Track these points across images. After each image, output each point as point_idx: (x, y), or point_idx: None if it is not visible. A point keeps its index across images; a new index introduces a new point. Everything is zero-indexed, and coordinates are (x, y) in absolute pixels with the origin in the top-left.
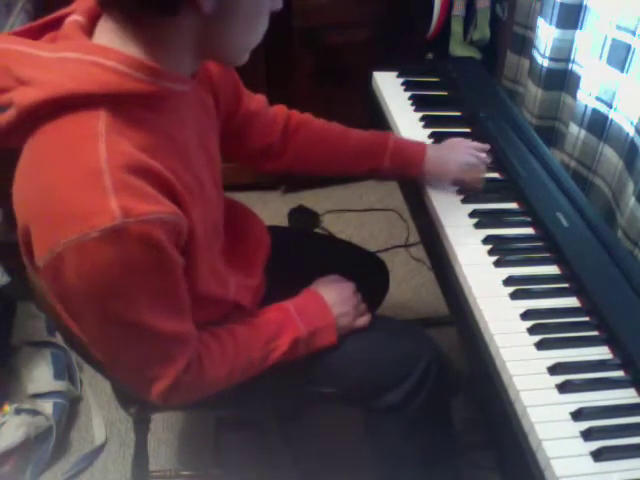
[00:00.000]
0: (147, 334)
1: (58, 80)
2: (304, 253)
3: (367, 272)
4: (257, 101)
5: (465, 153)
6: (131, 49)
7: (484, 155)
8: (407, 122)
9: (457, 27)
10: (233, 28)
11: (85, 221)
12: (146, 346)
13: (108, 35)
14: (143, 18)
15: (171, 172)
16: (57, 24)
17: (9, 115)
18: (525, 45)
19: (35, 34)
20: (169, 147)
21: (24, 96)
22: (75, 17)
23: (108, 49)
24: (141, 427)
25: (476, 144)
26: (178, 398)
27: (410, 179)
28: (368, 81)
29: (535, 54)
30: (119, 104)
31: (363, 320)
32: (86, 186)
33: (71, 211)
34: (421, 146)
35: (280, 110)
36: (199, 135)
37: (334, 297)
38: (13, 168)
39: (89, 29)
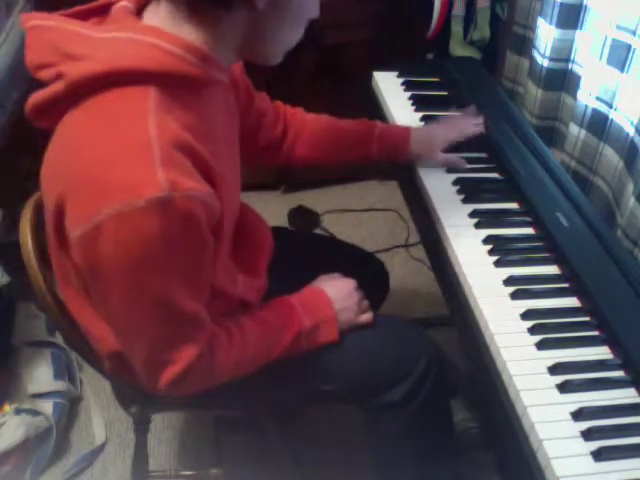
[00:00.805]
0: (171, 312)
1: (113, 56)
2: (305, 254)
3: (367, 274)
4: (263, 99)
5: (449, 130)
6: (185, 34)
7: (470, 130)
8: (407, 122)
9: (457, 27)
10: (280, 27)
11: (132, 191)
12: (168, 325)
13: (162, 19)
14: (201, 7)
15: (209, 155)
16: (101, 10)
17: (56, 87)
18: (525, 45)
19: (81, 17)
20: (207, 131)
21: (76, 69)
22: (124, 3)
23: (164, 31)
24: (141, 427)
25: (464, 121)
26: (185, 388)
27: (399, 162)
28: (368, 81)
29: (535, 54)
30: (167, 84)
31: (365, 317)
32: (135, 158)
33: (118, 181)
34: (406, 129)
35: (278, 105)
36: (226, 128)
37: (336, 293)
38: (12, 168)
39: (137, 14)
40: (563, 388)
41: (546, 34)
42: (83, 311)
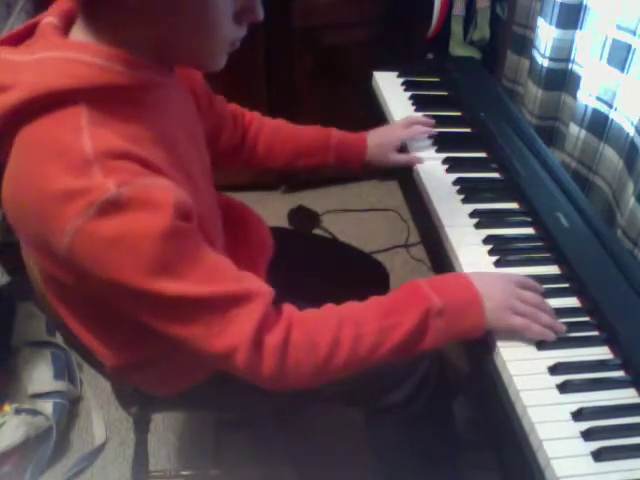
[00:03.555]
0: (181, 305)
1: (34, 79)
2: (305, 255)
3: (367, 275)
4: (221, 102)
5: (397, 137)
6: (107, 44)
7: (420, 130)
8: None
9: (457, 27)
10: (180, 30)
11: (80, 201)
12: (189, 317)
13: (81, 33)
14: (95, 14)
15: (159, 161)
16: (32, 31)
17: None
18: (525, 45)
19: (14, 43)
20: (154, 138)
21: (4, 100)
22: (49, 19)
23: (83, 44)
24: (141, 427)
25: (412, 129)
26: (285, 364)
27: (353, 170)
28: (368, 81)
29: (535, 54)
30: (99, 100)
31: (538, 328)
32: (77, 175)
33: (66, 199)
34: (362, 139)
35: (235, 109)
36: (187, 128)
37: (479, 278)
38: None
39: (65, 29)
40: (563, 388)
41: (546, 34)
42: (81, 328)
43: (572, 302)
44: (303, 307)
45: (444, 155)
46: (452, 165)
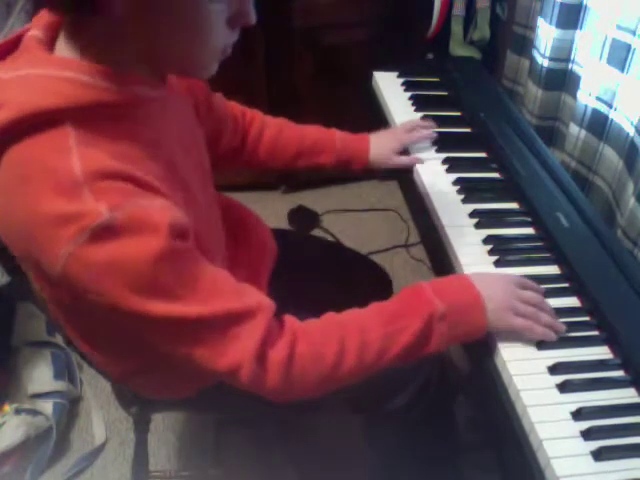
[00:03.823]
0: (182, 327)
1: (20, 99)
2: (306, 260)
3: (370, 280)
4: (220, 100)
5: (399, 140)
6: (86, 57)
7: (417, 135)
8: None
9: (457, 27)
10: (173, 39)
11: (72, 226)
12: (191, 338)
13: (66, 47)
14: (77, 22)
15: (153, 178)
16: (17, 44)
17: None
18: (525, 45)
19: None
20: (147, 155)
21: None
22: (33, 32)
23: (66, 60)
24: (141, 427)
25: (414, 134)
26: (291, 377)
27: (354, 172)
28: (368, 81)
29: (535, 54)
30: (86, 118)
31: (523, 323)
32: (67, 198)
33: (58, 223)
34: (364, 141)
35: (234, 107)
36: (185, 138)
37: (480, 279)
38: None
39: (49, 43)
40: (563, 388)
41: (546, 34)
42: (79, 339)
43: (572, 302)
44: (306, 314)
45: (444, 155)
46: (452, 165)
